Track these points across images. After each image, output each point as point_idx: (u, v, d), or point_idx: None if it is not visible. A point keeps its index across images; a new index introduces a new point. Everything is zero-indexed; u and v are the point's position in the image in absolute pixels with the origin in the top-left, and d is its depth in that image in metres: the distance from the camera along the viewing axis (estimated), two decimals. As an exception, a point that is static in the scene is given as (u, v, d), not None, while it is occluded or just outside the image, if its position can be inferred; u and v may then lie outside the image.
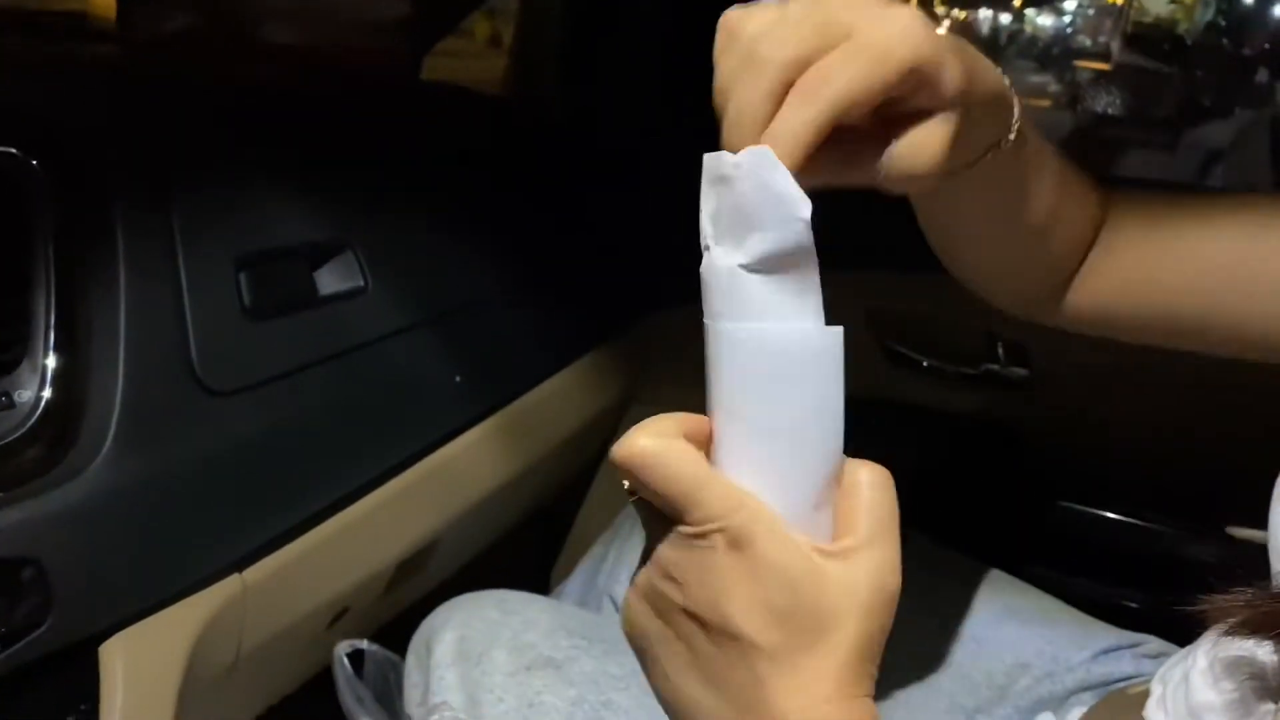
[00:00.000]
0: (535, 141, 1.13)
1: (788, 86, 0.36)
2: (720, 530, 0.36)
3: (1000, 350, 1.10)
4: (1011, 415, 1.13)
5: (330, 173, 0.78)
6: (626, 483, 0.38)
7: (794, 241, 0.35)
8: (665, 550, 0.38)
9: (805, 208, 0.35)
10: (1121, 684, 0.66)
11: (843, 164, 0.41)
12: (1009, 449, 1.13)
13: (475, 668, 0.71)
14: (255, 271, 0.67)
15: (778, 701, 0.35)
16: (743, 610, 0.35)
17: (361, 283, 0.75)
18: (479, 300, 0.88)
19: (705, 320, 0.38)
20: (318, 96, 0.84)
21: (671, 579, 0.37)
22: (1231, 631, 0.43)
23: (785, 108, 0.36)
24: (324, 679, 0.83)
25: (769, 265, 0.36)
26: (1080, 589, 0.91)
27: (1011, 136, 0.46)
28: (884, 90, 0.37)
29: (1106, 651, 0.69)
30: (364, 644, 0.83)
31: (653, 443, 0.36)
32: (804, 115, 0.36)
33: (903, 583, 0.54)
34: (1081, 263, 0.60)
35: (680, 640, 0.38)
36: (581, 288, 1.08)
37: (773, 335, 0.36)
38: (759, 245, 0.35)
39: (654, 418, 0.37)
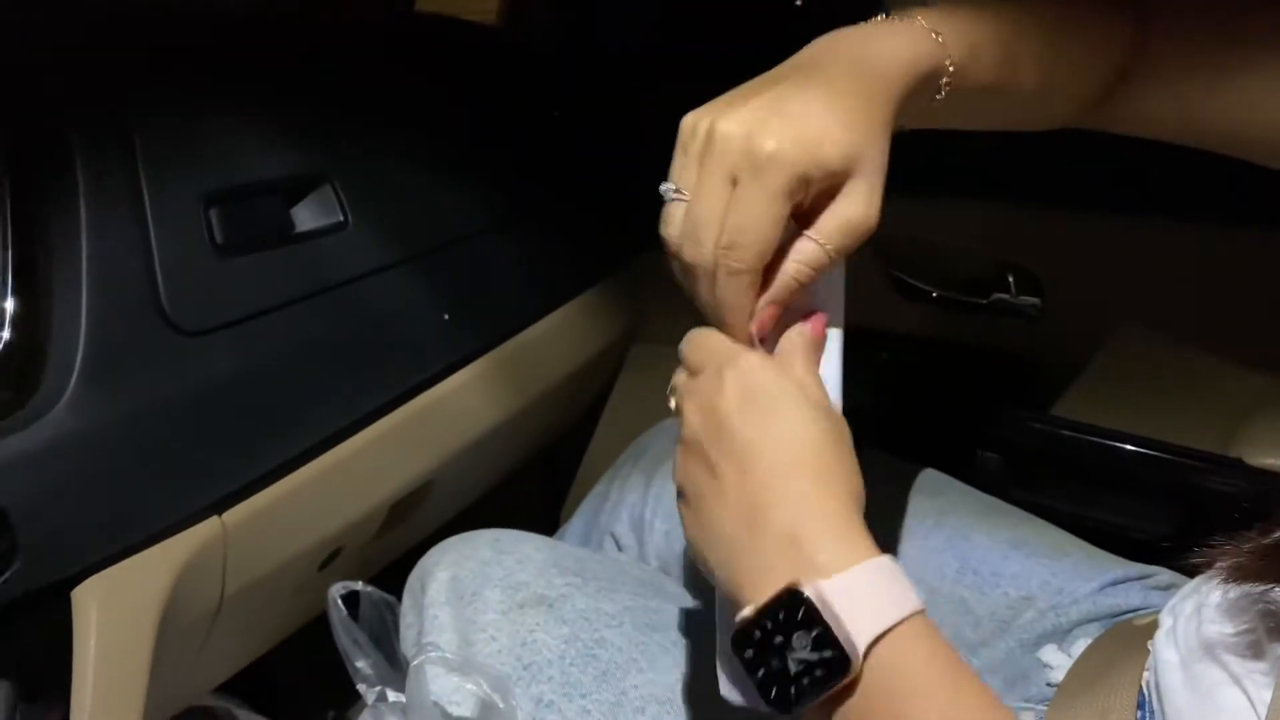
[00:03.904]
0: (529, 73, 1.10)
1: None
2: (723, 364, 0.44)
3: (1011, 280, 1.07)
4: (1023, 345, 1.11)
5: (309, 103, 0.75)
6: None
7: None
8: (687, 405, 0.46)
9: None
10: (1128, 615, 0.64)
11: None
12: (1020, 380, 1.11)
13: (468, 607, 0.70)
14: (226, 207, 0.64)
15: (771, 489, 0.42)
16: (735, 413, 0.43)
17: (341, 218, 0.72)
18: (468, 236, 0.86)
19: None
20: (295, 23, 0.81)
21: (691, 423, 0.45)
22: (1244, 575, 0.42)
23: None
24: (321, 622, 0.83)
25: None
26: (1091, 521, 0.90)
27: (941, 96, 0.48)
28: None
29: (1114, 583, 0.67)
30: (359, 585, 0.82)
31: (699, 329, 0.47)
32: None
33: (907, 515, 0.70)
34: (1113, 90, 0.56)
35: (701, 468, 0.44)
36: (578, 224, 1.06)
37: None
38: None
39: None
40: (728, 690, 0.48)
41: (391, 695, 0.75)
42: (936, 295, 1.12)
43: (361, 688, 0.77)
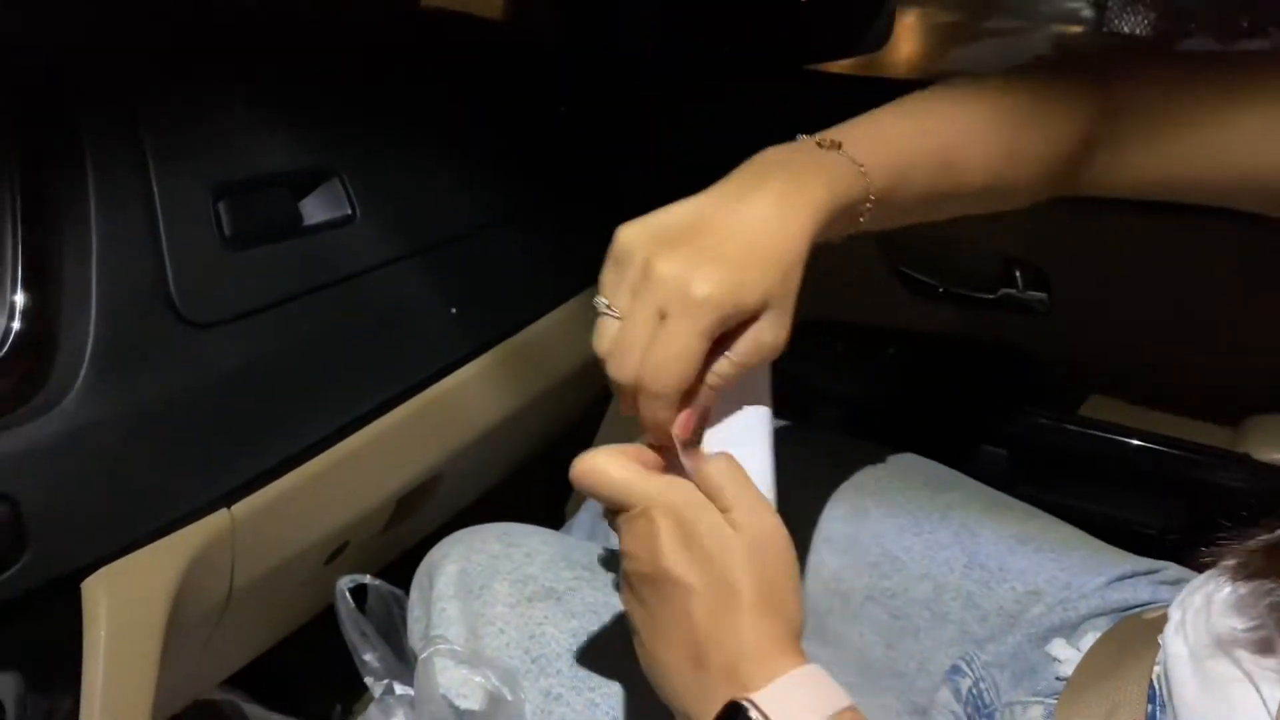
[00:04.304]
0: (534, 68, 1.10)
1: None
2: (650, 506, 0.46)
3: (1018, 275, 1.07)
4: (1030, 341, 1.10)
5: (317, 97, 0.75)
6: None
7: None
8: (625, 540, 0.47)
9: None
10: (1137, 610, 0.64)
11: None
12: (1027, 375, 1.10)
13: (476, 600, 0.70)
14: (235, 200, 0.64)
15: (711, 633, 0.44)
16: (670, 556, 0.45)
17: (349, 211, 0.72)
18: (475, 230, 0.86)
19: None
20: (303, 17, 0.81)
21: (631, 560, 0.47)
22: (1252, 571, 0.42)
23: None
24: (329, 615, 0.83)
25: None
26: (1098, 516, 0.90)
27: (864, 219, 0.52)
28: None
29: (1122, 578, 0.67)
30: (366, 579, 0.82)
31: (596, 457, 0.49)
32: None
33: (913, 510, 0.73)
34: (1082, 162, 0.58)
35: (644, 605, 0.47)
36: (585, 219, 1.06)
37: None
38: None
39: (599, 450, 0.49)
40: None
41: (399, 688, 0.75)
42: (944, 291, 1.12)
43: (369, 681, 0.77)
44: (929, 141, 0.54)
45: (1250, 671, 0.44)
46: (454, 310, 0.81)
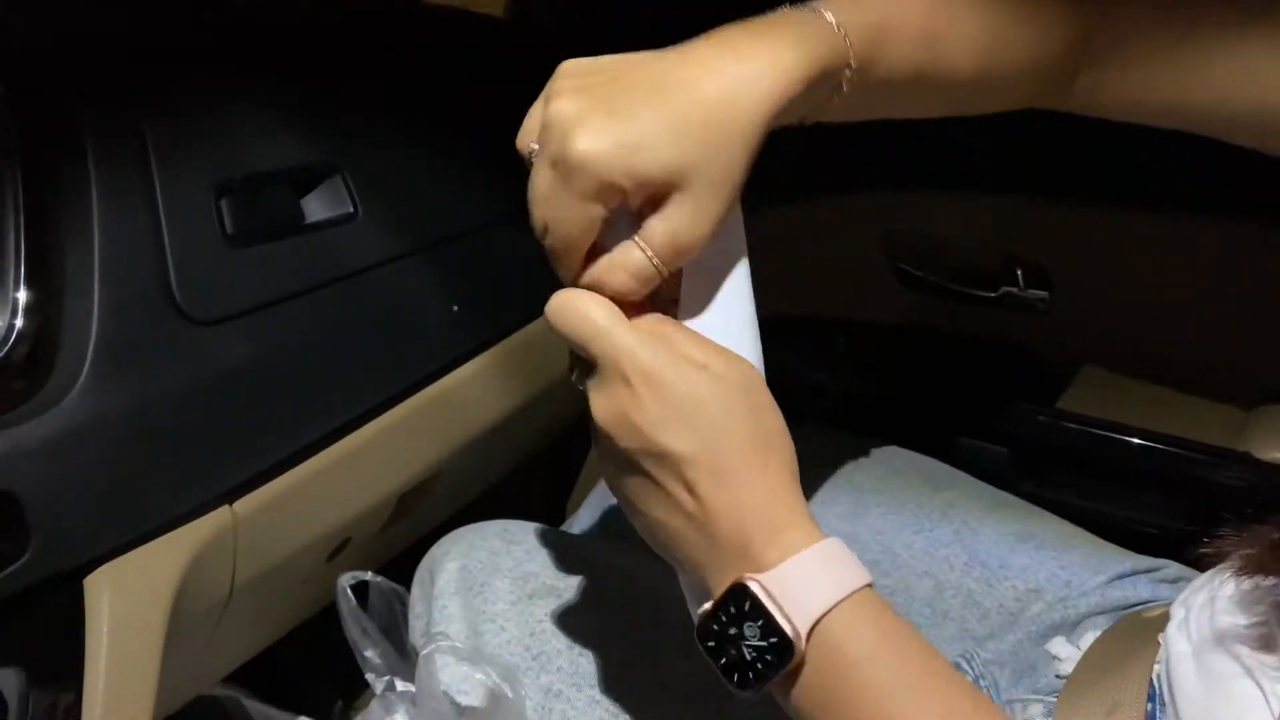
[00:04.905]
0: (537, 66, 1.09)
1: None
2: (623, 364, 0.42)
3: (1019, 273, 1.07)
4: (1031, 339, 1.10)
5: (319, 94, 0.75)
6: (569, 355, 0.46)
7: None
8: (600, 410, 0.44)
9: None
10: (1137, 608, 0.64)
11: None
12: (1028, 373, 1.10)
13: (477, 597, 0.71)
14: (237, 197, 0.64)
15: (713, 502, 0.42)
16: (658, 426, 0.42)
17: (351, 209, 0.72)
18: (477, 228, 0.86)
19: None
20: (306, 14, 0.81)
21: (612, 438, 0.44)
22: (1256, 568, 0.43)
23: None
24: (330, 612, 0.83)
25: None
26: (1099, 514, 0.90)
27: (844, 90, 0.46)
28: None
29: (1122, 576, 0.67)
30: (368, 575, 0.82)
31: (580, 295, 0.44)
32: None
33: (914, 508, 0.71)
34: (1076, 71, 0.54)
35: (635, 480, 0.44)
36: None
37: None
38: None
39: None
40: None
41: (400, 685, 0.76)
42: (944, 288, 1.12)
43: (370, 677, 0.77)
44: (911, 9, 0.48)
45: (1251, 667, 0.44)
46: (456, 308, 0.81)
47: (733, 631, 0.42)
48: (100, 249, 0.56)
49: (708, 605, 0.44)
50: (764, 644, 0.41)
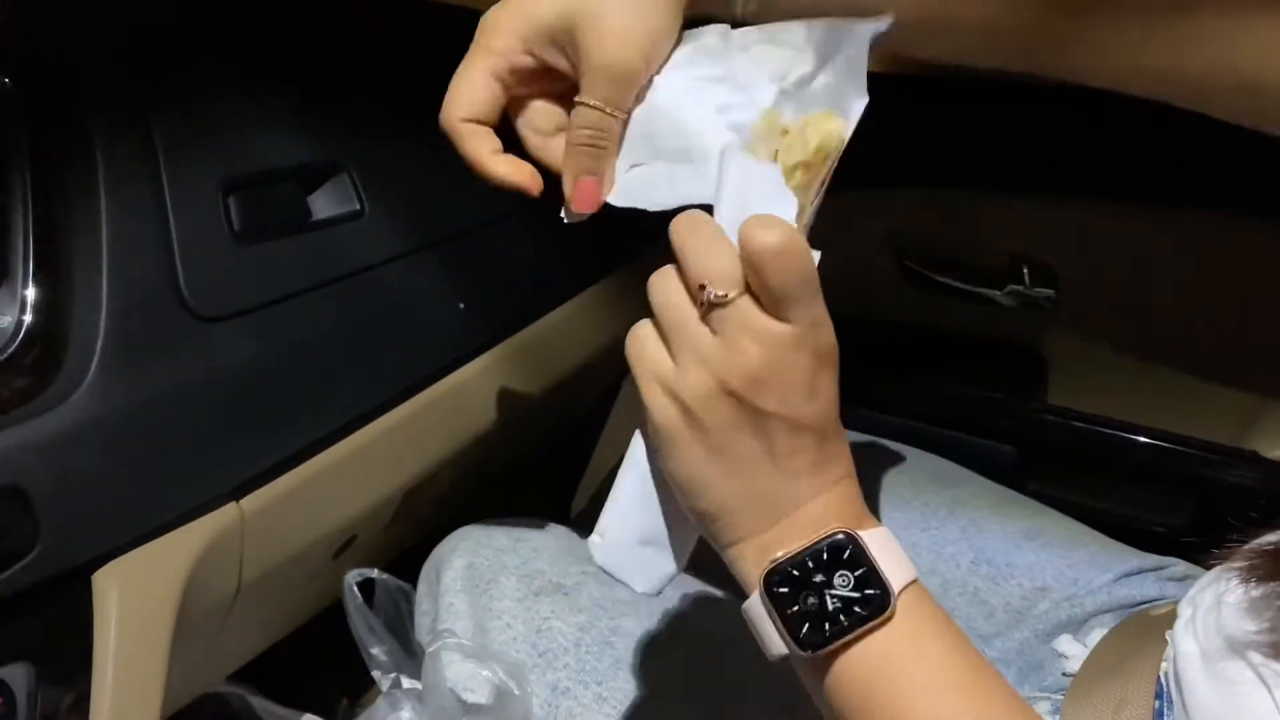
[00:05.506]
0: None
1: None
2: (814, 337, 0.41)
3: (1026, 271, 1.07)
4: (1037, 338, 1.10)
5: (325, 92, 0.75)
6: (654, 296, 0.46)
7: None
8: (706, 347, 0.42)
9: None
10: (1144, 606, 0.64)
11: None
12: (1034, 372, 1.10)
13: (483, 594, 0.71)
14: (244, 194, 0.64)
15: (840, 453, 0.43)
16: (760, 382, 0.41)
17: (358, 206, 0.72)
18: (483, 226, 0.86)
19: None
20: (312, 11, 0.81)
21: (726, 368, 0.41)
22: (1263, 574, 0.43)
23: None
24: (337, 609, 0.83)
25: None
26: (1106, 512, 0.90)
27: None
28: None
29: (1129, 574, 0.67)
30: (374, 572, 0.82)
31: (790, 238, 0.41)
32: None
33: (920, 506, 0.71)
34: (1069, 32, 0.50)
35: (742, 422, 0.42)
36: (593, 215, 1.06)
37: None
38: None
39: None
40: (604, 556, 0.49)
41: (406, 682, 0.76)
42: (951, 287, 1.12)
43: (376, 674, 0.78)
44: None
45: (1263, 674, 0.43)
46: (462, 305, 0.81)
47: (818, 579, 0.41)
48: (108, 246, 0.56)
49: (793, 548, 0.42)
50: (856, 594, 0.41)
